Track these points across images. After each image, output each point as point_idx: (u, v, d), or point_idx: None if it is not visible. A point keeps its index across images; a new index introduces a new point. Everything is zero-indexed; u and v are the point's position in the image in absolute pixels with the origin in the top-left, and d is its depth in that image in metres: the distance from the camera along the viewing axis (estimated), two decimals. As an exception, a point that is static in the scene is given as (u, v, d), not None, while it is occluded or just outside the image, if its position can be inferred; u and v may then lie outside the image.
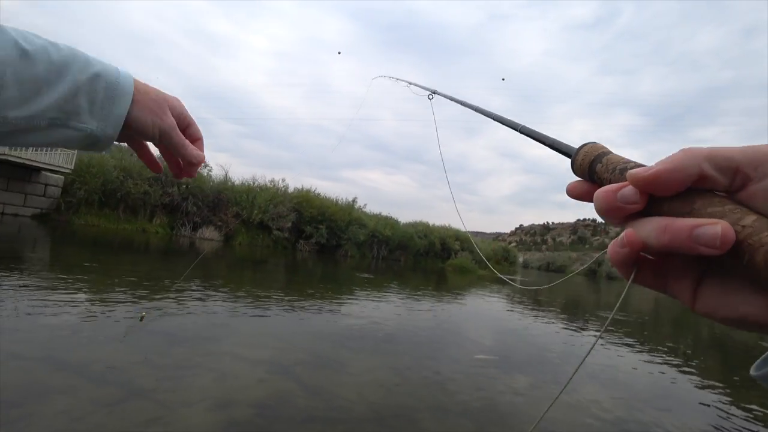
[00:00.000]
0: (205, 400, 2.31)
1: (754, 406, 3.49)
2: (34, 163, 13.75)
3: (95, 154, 15.18)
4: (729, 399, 3.62)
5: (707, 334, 8.31)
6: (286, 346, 3.53)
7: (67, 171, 15.01)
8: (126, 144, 0.53)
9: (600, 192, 0.29)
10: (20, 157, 13.22)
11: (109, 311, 3.78)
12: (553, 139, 0.39)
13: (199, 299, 4.87)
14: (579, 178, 0.35)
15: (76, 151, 14.33)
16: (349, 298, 6.65)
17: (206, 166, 19.80)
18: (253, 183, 21.26)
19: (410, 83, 1.68)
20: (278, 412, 2.28)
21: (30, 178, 14.23)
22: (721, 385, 4.07)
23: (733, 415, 3.20)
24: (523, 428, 2.48)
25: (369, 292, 7.60)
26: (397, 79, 1.97)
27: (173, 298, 4.70)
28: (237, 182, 20.87)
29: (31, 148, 12.37)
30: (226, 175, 20.74)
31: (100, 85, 0.43)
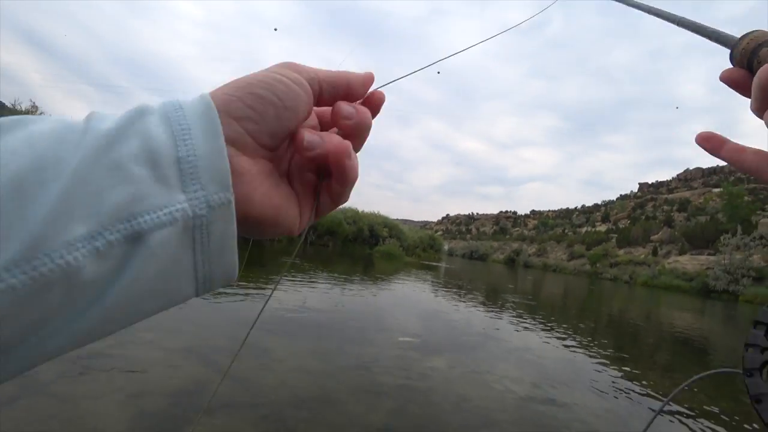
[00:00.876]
0: (114, 391, 2.16)
1: (627, 376, 4.01)
2: None
3: None
4: (619, 371, 4.12)
5: (606, 319, 9.33)
6: (204, 332, 3.40)
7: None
8: None
9: None
10: None
11: None
12: (713, 29, 0.38)
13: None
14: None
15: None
16: (274, 284, 6.53)
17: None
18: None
19: None
20: (194, 400, 2.21)
21: None
22: (612, 359, 4.62)
23: (622, 382, 3.67)
24: (440, 402, 2.63)
25: (295, 278, 7.52)
26: None
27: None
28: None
29: None
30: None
31: None
